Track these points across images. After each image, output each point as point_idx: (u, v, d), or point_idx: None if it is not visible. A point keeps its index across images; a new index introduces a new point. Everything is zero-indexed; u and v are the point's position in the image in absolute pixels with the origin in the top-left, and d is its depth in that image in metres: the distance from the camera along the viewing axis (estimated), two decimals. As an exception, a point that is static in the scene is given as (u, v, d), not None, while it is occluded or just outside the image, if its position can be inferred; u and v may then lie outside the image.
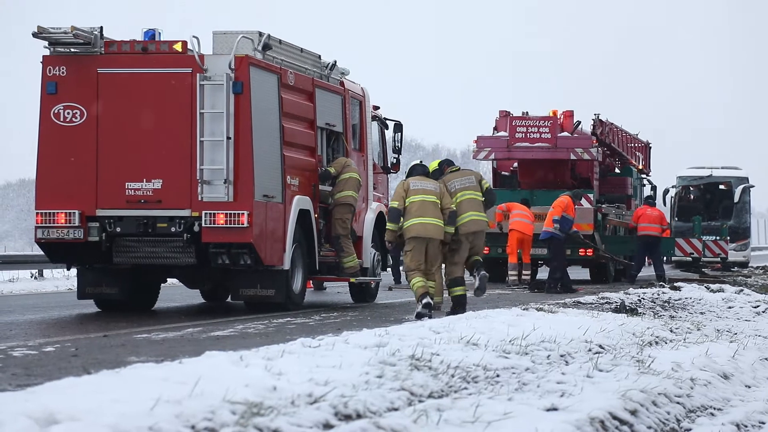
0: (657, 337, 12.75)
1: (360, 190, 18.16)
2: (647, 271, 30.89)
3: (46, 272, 29.33)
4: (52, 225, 15.74)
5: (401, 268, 17.00)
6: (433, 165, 16.43)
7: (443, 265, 16.21)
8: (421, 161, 16.50)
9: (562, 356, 10.40)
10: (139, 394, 6.41)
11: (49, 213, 15.75)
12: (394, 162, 20.85)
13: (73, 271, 18.16)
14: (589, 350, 11.03)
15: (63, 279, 27.46)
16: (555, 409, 7.70)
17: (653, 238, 28.41)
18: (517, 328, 11.22)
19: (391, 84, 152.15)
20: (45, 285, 26.11)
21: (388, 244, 16.26)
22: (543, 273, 30.41)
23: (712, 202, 44.15)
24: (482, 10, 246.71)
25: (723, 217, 42.63)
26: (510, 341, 10.40)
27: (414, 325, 11.38)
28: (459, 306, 15.84)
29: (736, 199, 43.50)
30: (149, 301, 17.30)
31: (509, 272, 26.34)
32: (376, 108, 20.44)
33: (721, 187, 44.41)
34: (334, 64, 18.43)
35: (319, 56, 18.18)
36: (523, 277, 26.03)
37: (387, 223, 15.77)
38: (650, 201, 30.10)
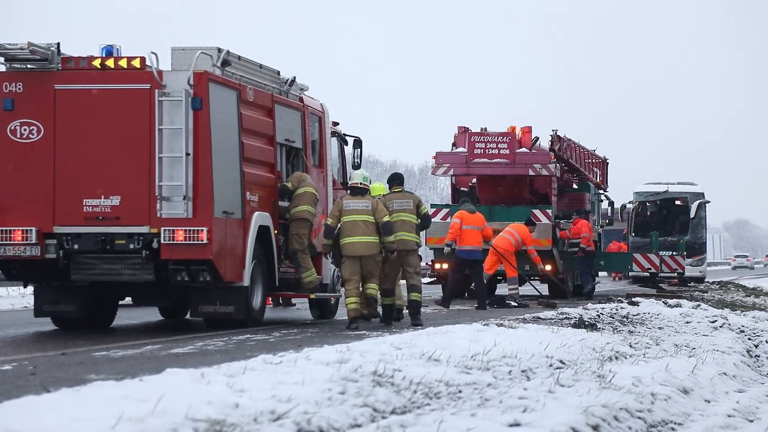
0: (617, 352, 12.80)
1: (318, 205, 18.11)
2: (606, 287, 31.03)
3: (1, 290, 29.03)
4: (8, 242, 15.59)
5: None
6: (379, 188, 17.86)
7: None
8: (361, 182, 17.27)
9: (523, 372, 10.43)
10: (100, 413, 6.36)
11: (6, 230, 15.60)
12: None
13: (30, 288, 18.03)
14: (550, 365, 11.06)
15: (19, 297, 27.19)
16: (518, 425, 7.71)
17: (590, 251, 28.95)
18: (478, 344, 11.23)
19: (349, 99, 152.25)
20: (0, 303, 25.84)
21: (324, 256, 17.77)
22: (502, 289, 30.46)
23: (669, 218, 44.47)
24: (440, 25, 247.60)
25: (679, 233, 42.94)
26: (471, 357, 10.41)
27: (375, 342, 11.36)
28: (384, 313, 17.51)
29: (692, 214, 43.85)
30: (107, 319, 17.17)
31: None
32: (335, 124, 20.42)
33: (678, 202, 44.74)
34: (294, 80, 18.40)
35: (278, 72, 18.16)
36: (510, 291, 25.89)
37: (323, 238, 17.13)
38: (584, 215, 30.26)
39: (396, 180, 17.95)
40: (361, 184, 17.17)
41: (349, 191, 17.33)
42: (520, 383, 9.70)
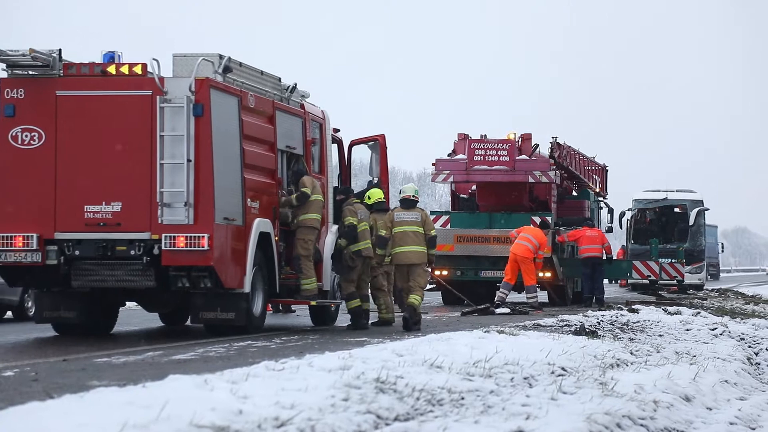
0: (618, 359, 12.80)
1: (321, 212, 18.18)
2: (605, 294, 30.90)
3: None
4: (9, 248, 15.59)
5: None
6: (377, 194, 19.06)
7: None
8: (412, 195, 18.55)
9: (525, 379, 10.42)
10: (105, 419, 6.36)
11: (7, 236, 15.60)
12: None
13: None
14: (552, 373, 11.05)
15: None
16: (521, 432, 7.71)
17: (597, 258, 28.43)
18: (480, 351, 11.22)
19: (348, 106, 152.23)
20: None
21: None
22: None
23: (668, 225, 44.42)
24: (440, 31, 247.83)
25: (678, 240, 42.90)
26: (474, 364, 10.40)
27: (377, 348, 11.37)
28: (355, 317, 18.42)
29: (692, 222, 43.78)
30: (108, 325, 17.17)
31: (500, 290, 25.95)
32: (336, 130, 20.44)
33: (677, 210, 44.70)
34: (295, 87, 18.42)
35: (280, 79, 18.17)
36: (529, 299, 25.75)
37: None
38: (589, 222, 30.14)
39: (351, 193, 19.11)
40: (412, 196, 18.46)
41: (400, 203, 18.62)
42: (523, 390, 9.70)
